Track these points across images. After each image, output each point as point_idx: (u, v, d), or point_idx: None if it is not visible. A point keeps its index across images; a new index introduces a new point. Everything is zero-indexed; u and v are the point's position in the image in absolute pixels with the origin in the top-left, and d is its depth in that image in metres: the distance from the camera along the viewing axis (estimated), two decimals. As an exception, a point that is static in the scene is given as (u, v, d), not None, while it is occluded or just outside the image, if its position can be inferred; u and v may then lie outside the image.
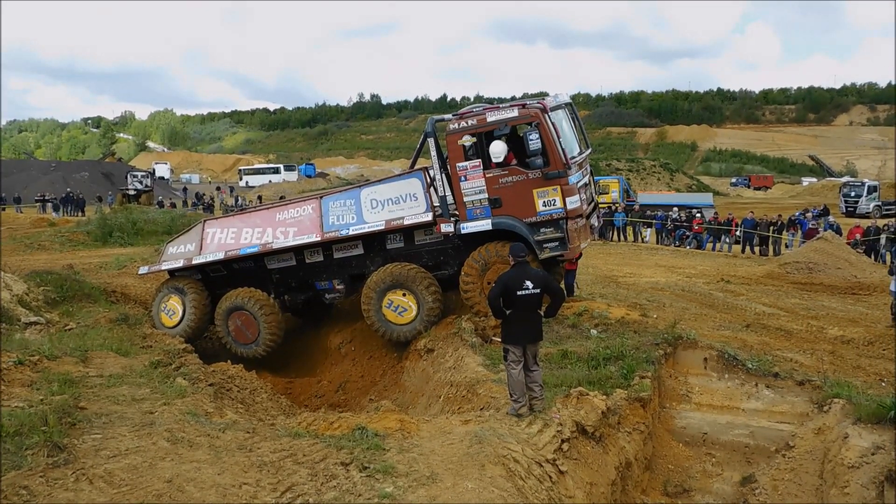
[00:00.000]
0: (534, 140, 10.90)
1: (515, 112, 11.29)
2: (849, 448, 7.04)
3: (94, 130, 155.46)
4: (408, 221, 12.07)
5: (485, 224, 11.51)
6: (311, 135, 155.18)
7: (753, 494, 7.83)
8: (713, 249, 28.94)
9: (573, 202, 11.18)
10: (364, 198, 12.48)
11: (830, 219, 30.10)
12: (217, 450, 6.15)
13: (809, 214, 30.42)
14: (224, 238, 13.48)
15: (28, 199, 49.56)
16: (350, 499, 5.37)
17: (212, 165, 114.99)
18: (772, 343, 11.55)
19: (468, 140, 11.45)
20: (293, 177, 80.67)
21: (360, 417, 7.61)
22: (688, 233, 30.43)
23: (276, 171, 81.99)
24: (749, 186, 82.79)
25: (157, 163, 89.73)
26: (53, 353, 8.93)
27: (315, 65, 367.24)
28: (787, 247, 27.01)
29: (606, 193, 41.17)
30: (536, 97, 12.21)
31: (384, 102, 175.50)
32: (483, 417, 7.27)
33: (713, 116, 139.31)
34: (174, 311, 13.56)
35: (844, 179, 64.59)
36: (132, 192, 49.47)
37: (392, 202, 12.28)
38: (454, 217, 11.88)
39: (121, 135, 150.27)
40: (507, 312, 7.20)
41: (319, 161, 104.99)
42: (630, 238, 32.65)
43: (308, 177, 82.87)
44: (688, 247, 29.64)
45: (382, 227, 12.20)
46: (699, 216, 31.70)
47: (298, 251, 13.13)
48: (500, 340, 7.65)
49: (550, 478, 6.36)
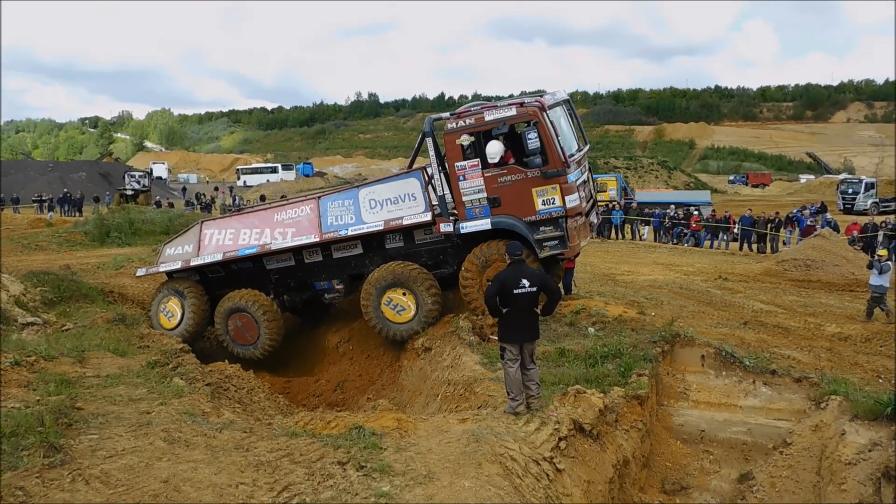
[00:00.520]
0: (532, 139, 10.86)
1: (514, 111, 11.24)
2: (846, 445, 7.06)
3: (92, 130, 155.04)
4: (407, 221, 12.04)
5: (484, 223, 11.48)
6: (309, 134, 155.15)
7: (751, 492, 7.84)
8: (711, 247, 28.97)
9: (572, 200, 11.16)
10: (362, 198, 12.44)
11: (828, 216, 30.12)
12: (214, 449, 6.14)
13: (807, 212, 30.45)
14: (222, 239, 13.44)
15: (26, 200, 49.46)
16: (347, 498, 5.36)
17: (209, 165, 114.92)
18: (769, 340, 11.55)
19: (466, 139, 11.40)
20: (291, 176, 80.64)
21: (358, 416, 7.60)
22: (686, 230, 30.43)
23: (274, 171, 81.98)
24: (747, 184, 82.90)
25: (155, 163, 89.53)
26: (50, 354, 8.90)
27: (313, 64, 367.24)
28: (785, 244, 27.04)
29: (604, 191, 41.25)
30: (534, 95, 12.19)
31: (382, 101, 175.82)
32: (480, 416, 7.27)
33: (711, 114, 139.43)
34: (173, 314, 13.55)
35: (842, 176, 64.71)
36: (130, 193, 49.38)
37: (391, 202, 12.24)
38: (453, 216, 11.86)
39: (118, 135, 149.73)
40: (504, 311, 7.19)
41: (317, 160, 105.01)
42: (628, 236, 32.67)
43: (306, 176, 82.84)
44: (686, 244, 29.66)
45: (381, 228, 12.18)
46: (697, 214, 31.71)
47: (297, 251, 13.10)
48: (497, 339, 7.65)
49: (548, 476, 6.36)
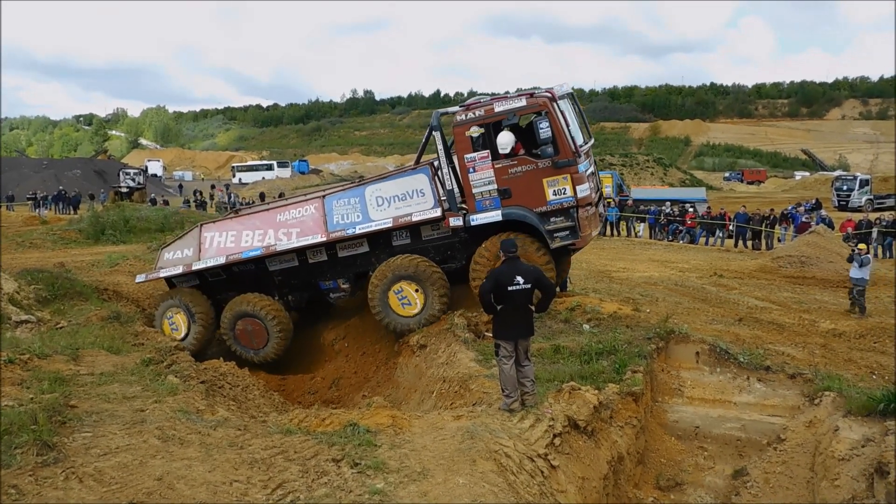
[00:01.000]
0: (544, 129, 10.87)
1: (524, 101, 11.25)
2: (839, 441, 7.08)
3: (87, 128, 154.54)
4: (416, 218, 11.96)
5: (495, 215, 11.45)
6: (305, 131, 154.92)
7: (745, 488, 7.85)
8: (706, 244, 29.03)
9: (583, 190, 11.20)
10: (369, 196, 12.33)
11: (823, 213, 30.20)
12: (208, 447, 6.14)
13: (802, 208, 30.52)
14: (223, 242, 13.27)
15: (20, 198, 49.27)
16: (341, 495, 5.36)
17: (205, 162, 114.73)
18: (764, 337, 11.60)
19: (476, 131, 11.37)
20: (287, 173, 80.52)
21: (352, 414, 7.59)
22: (681, 227, 30.49)
23: (270, 168, 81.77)
24: (742, 181, 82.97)
25: (150, 160, 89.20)
26: (44, 352, 8.88)
27: (308, 61, 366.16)
28: (780, 241, 27.11)
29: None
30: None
31: (378, 98, 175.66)
32: (475, 413, 7.27)
33: (706, 111, 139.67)
34: (178, 327, 13.38)
35: (837, 173, 64.84)
36: (125, 190, 49.17)
37: (398, 199, 12.15)
38: (462, 210, 11.80)
39: (113, 132, 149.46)
40: (499, 308, 7.19)
41: (313, 157, 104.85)
42: (623, 233, 32.73)
43: (301, 173, 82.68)
44: (681, 241, 29.72)
45: (390, 225, 12.09)
46: (692, 211, 31.79)
47: (301, 251, 12.97)
48: (492, 336, 7.65)
49: (542, 472, 6.36)
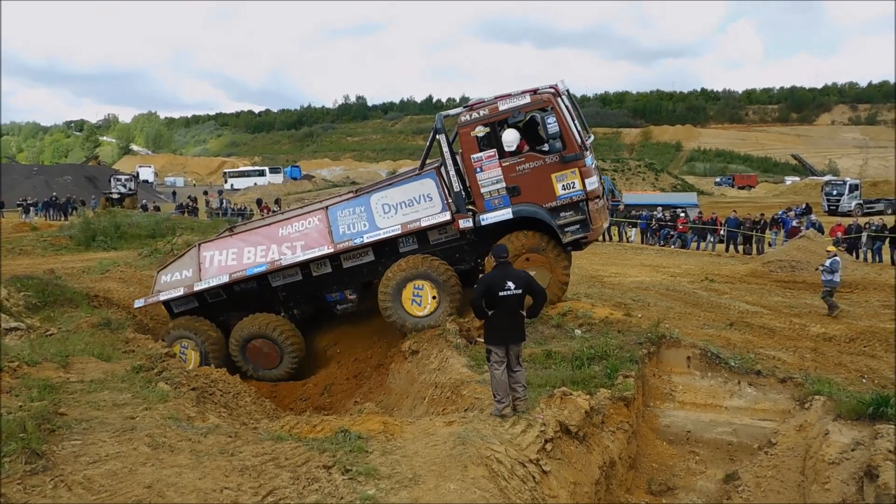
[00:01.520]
0: (552, 123, 10.95)
1: (528, 98, 11.34)
2: (829, 444, 7.11)
3: (78, 134, 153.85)
4: (425, 223, 11.94)
5: (505, 213, 11.49)
6: (297, 137, 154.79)
7: (737, 492, 7.87)
8: (697, 249, 29.13)
9: (592, 183, 11.33)
10: (374, 204, 12.27)
11: (813, 217, 30.42)
12: (198, 454, 6.10)
13: (792, 213, 30.73)
14: (224, 260, 13.05)
15: (10, 204, 48.99)
16: (332, 502, 5.34)
17: (196, 168, 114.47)
18: (755, 341, 11.63)
19: (481, 130, 11.44)
20: (279, 179, 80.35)
21: (344, 420, 7.57)
22: (672, 232, 30.59)
23: (262, 174, 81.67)
24: (733, 186, 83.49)
25: (141, 166, 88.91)
26: (33, 359, 8.80)
27: (300, 66, 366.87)
28: (771, 245, 27.24)
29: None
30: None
31: (370, 104, 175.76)
32: (467, 418, 7.26)
33: (697, 116, 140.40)
34: (189, 361, 12.98)
35: (826, 178, 65.35)
36: (116, 196, 49.01)
37: (405, 205, 12.11)
38: (470, 211, 11.82)
39: (104, 138, 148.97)
40: (490, 313, 7.19)
41: (305, 163, 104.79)
42: (615, 238, 32.79)
43: (294, 179, 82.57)
44: (672, 246, 29.81)
45: (399, 232, 12.03)
46: (683, 216, 31.89)
47: (304, 265, 12.81)
48: (484, 341, 7.65)
49: (534, 478, 6.36)
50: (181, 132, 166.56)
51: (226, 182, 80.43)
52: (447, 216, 11.82)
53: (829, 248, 15.83)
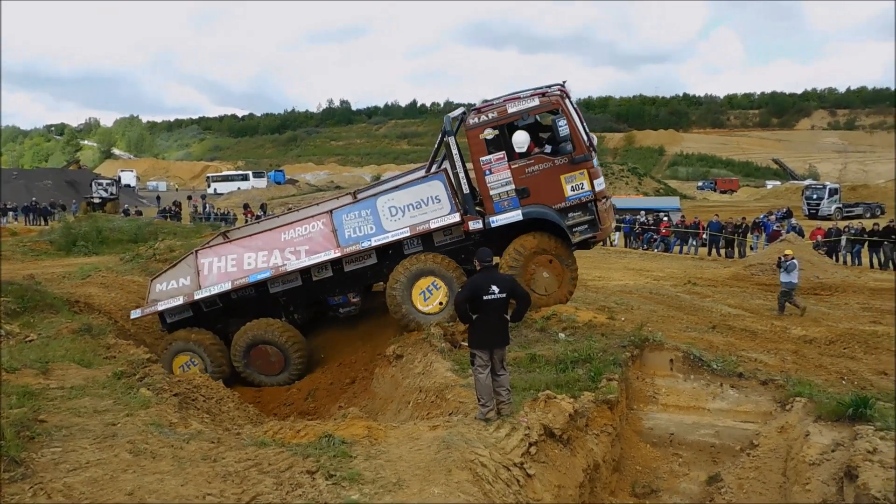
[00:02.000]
0: (563, 126, 11.05)
1: (537, 101, 11.46)
2: (810, 445, 7.17)
3: (58, 138, 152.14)
4: (434, 225, 11.92)
5: (515, 215, 11.58)
6: (281, 141, 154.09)
7: (719, 493, 7.92)
8: (680, 252, 29.38)
9: (600, 184, 11.58)
10: (381, 206, 12.20)
11: (793, 221, 30.72)
12: (181, 460, 6.05)
13: (773, 217, 31.04)
14: (224, 267, 12.79)
15: (-11, 208, 48.41)
16: (316, 507, 5.32)
17: (179, 173, 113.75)
18: (737, 343, 11.74)
19: (490, 133, 11.55)
20: (262, 183, 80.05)
21: (328, 425, 7.54)
22: (655, 236, 30.82)
23: (245, 178, 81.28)
24: (715, 190, 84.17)
25: (123, 170, 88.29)
26: (13, 366, 8.71)
27: (284, 70, 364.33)
28: (752, 249, 27.52)
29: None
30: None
31: (354, 108, 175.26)
32: (451, 423, 7.26)
33: (680, 121, 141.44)
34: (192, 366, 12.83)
35: (807, 182, 66.07)
36: (97, 201, 48.68)
37: (413, 207, 12.07)
38: (478, 213, 11.92)
39: (85, 142, 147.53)
40: (474, 317, 7.20)
41: (289, 167, 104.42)
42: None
43: (277, 183, 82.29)
44: (655, 250, 30.03)
45: (408, 234, 12.01)
46: (666, 220, 32.14)
47: (305, 270, 12.67)
48: (468, 345, 7.66)
49: (518, 481, 6.36)
50: (164, 136, 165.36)
51: (209, 186, 79.93)
52: (456, 217, 11.83)
53: (787, 252, 16.26)
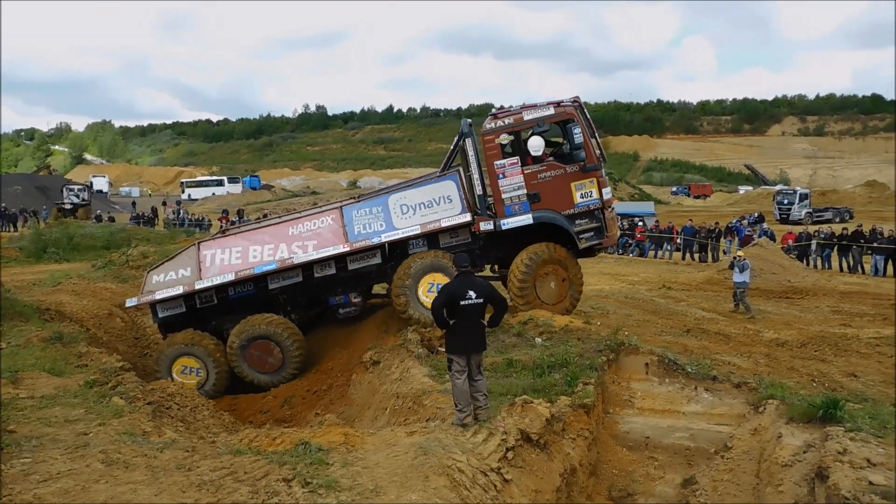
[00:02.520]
0: (578, 134, 11.51)
1: (552, 110, 11.88)
2: (782, 447, 7.26)
3: (28, 143, 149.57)
4: (445, 223, 12.16)
5: (525, 219, 11.91)
6: (256, 146, 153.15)
7: (694, 495, 7.98)
8: (655, 257, 29.66)
9: (607, 193, 12.04)
10: (393, 204, 12.43)
11: (765, 226, 31.20)
12: (154, 470, 5.97)
13: (745, 222, 31.51)
14: (228, 259, 12.70)
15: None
16: (292, 515, 5.27)
17: (153, 178, 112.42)
18: (711, 347, 11.88)
19: (505, 138, 11.91)
20: (237, 189, 79.37)
21: (304, 432, 7.48)
22: (630, 241, 31.06)
23: (220, 184, 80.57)
24: (689, 195, 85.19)
25: (95, 176, 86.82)
26: (-20, 375, 8.55)
27: (259, 75, 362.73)
28: (725, 253, 27.85)
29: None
30: (486, 108, 12.72)
31: (330, 114, 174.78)
32: (428, 428, 7.25)
33: (654, 127, 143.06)
34: (198, 371, 12.68)
35: (778, 188, 67.10)
36: (68, 207, 47.91)
37: (424, 206, 12.32)
38: (489, 215, 12.20)
39: (56, 147, 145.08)
40: (451, 322, 7.20)
41: (265, 173, 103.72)
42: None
43: (253, 189, 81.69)
44: (631, 254, 30.28)
45: (418, 231, 12.17)
46: (641, 224, 32.41)
47: (307, 266, 12.65)
48: (445, 350, 7.65)
49: (495, 486, 6.36)
50: (137, 141, 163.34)
51: (183, 192, 79.10)
52: (467, 217, 12.11)
53: (739, 254, 16.73)
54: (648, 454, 9.03)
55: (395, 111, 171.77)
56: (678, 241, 29.35)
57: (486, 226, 12.03)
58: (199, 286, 12.63)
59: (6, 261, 23.61)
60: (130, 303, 13.65)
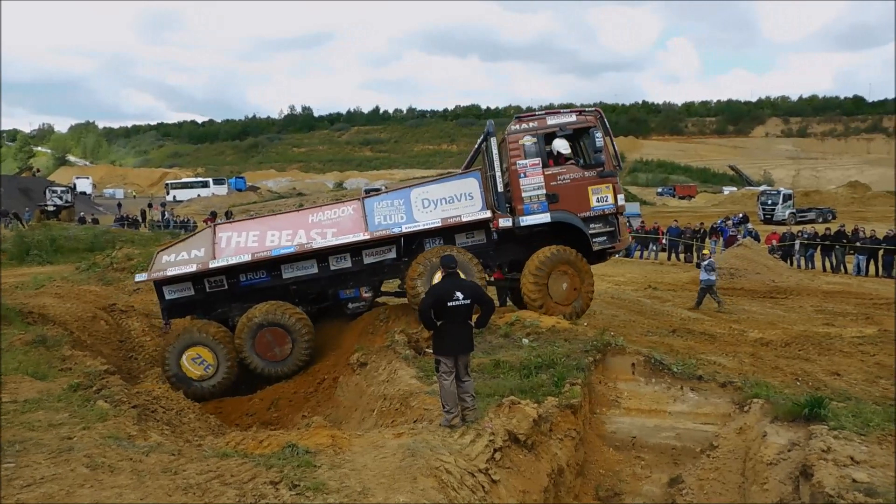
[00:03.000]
0: (599, 138, 12.11)
1: (574, 117, 12.59)
2: (767, 446, 7.33)
3: (10, 144, 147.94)
4: (465, 219, 12.45)
5: (543, 217, 12.39)
6: (242, 148, 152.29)
7: (681, 495, 8.03)
8: (641, 257, 29.78)
9: (622, 199, 12.63)
10: (414, 198, 12.71)
11: (749, 226, 31.42)
12: (140, 474, 5.92)
13: (730, 222, 31.71)
14: (244, 241, 12.71)
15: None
16: (280, 518, 5.25)
17: (137, 180, 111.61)
18: (696, 347, 11.94)
19: (529, 140, 12.38)
20: (223, 190, 79.04)
21: (291, 434, 7.46)
22: (617, 242, 31.13)
23: (205, 185, 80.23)
24: (674, 196, 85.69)
25: (79, 177, 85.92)
26: (-38, 380, 8.44)
27: (244, 76, 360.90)
28: (710, 253, 28.01)
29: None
30: (476, 110, 12.98)
31: (316, 115, 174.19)
32: (416, 430, 7.25)
33: (640, 128, 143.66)
34: (207, 363, 12.56)
35: (762, 188, 67.63)
36: (51, 208, 47.46)
37: (445, 201, 12.63)
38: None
39: (39, 148, 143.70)
40: (438, 324, 7.21)
41: (250, 174, 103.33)
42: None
43: (238, 190, 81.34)
44: (617, 255, 30.34)
45: (439, 225, 12.44)
46: (627, 225, 32.51)
47: (322, 258, 12.76)
48: (432, 352, 7.65)
49: (483, 487, 6.37)
50: (121, 142, 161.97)
51: (168, 193, 78.59)
52: (487, 214, 12.41)
53: (705, 252, 17.17)
54: (635, 454, 9.08)
55: (382, 112, 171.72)
56: (664, 242, 29.51)
57: (505, 222, 12.43)
58: (213, 265, 12.52)
59: (-12, 263, 23.33)
60: (139, 277, 13.42)
